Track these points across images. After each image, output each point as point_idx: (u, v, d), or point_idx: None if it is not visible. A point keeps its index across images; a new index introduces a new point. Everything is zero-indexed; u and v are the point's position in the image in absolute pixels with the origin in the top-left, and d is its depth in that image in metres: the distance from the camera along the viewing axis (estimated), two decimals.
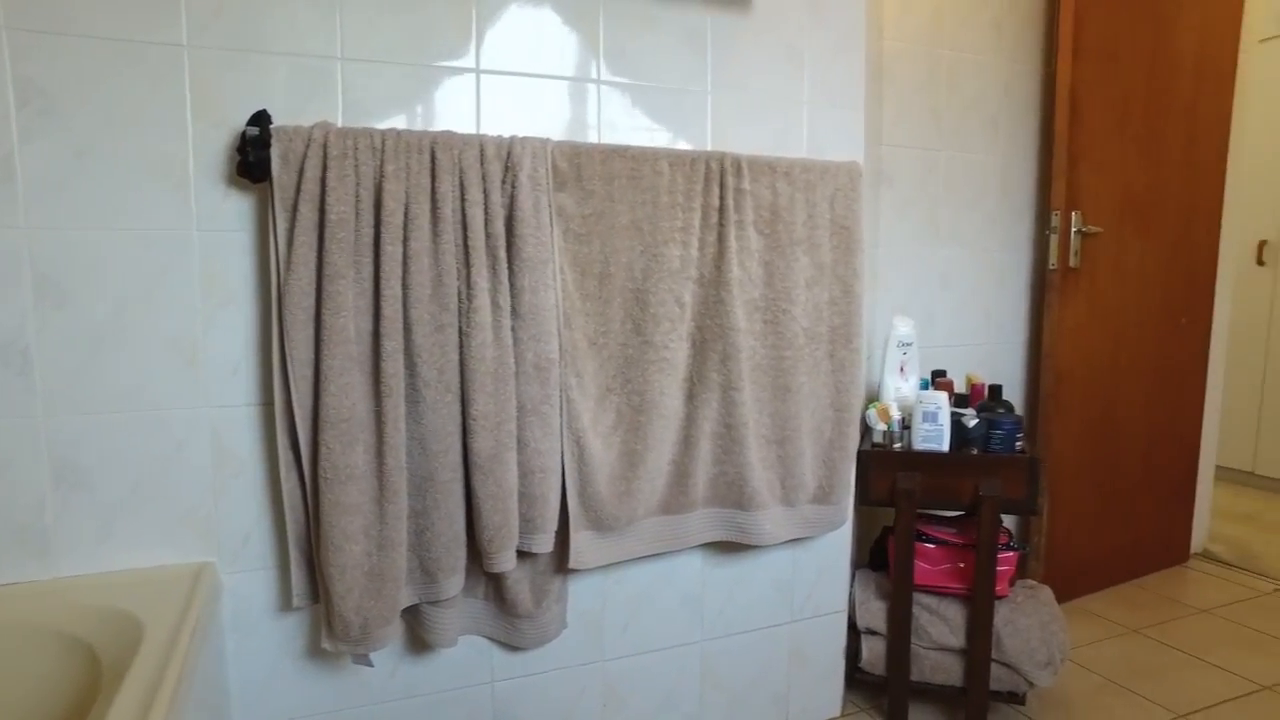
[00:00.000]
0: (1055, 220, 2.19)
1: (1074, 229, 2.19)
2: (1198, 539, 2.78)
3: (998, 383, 1.80)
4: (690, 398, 1.44)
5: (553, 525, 1.33)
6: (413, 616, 1.35)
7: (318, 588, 1.26)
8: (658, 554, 1.50)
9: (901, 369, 1.74)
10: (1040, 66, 2.28)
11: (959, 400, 1.74)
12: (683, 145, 1.46)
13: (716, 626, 1.62)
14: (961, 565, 1.70)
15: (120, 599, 1.07)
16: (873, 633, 1.75)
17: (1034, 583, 1.85)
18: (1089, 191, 2.22)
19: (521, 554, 1.34)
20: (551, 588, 1.40)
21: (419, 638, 1.37)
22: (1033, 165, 2.30)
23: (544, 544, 1.32)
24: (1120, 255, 2.34)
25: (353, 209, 1.18)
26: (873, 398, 1.87)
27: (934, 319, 2.14)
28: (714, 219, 1.41)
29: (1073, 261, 2.21)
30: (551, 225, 1.29)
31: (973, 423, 1.63)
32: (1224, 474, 3.61)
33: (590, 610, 1.51)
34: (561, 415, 1.32)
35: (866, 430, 1.74)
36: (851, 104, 1.59)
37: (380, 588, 1.23)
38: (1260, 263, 3.49)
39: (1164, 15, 2.33)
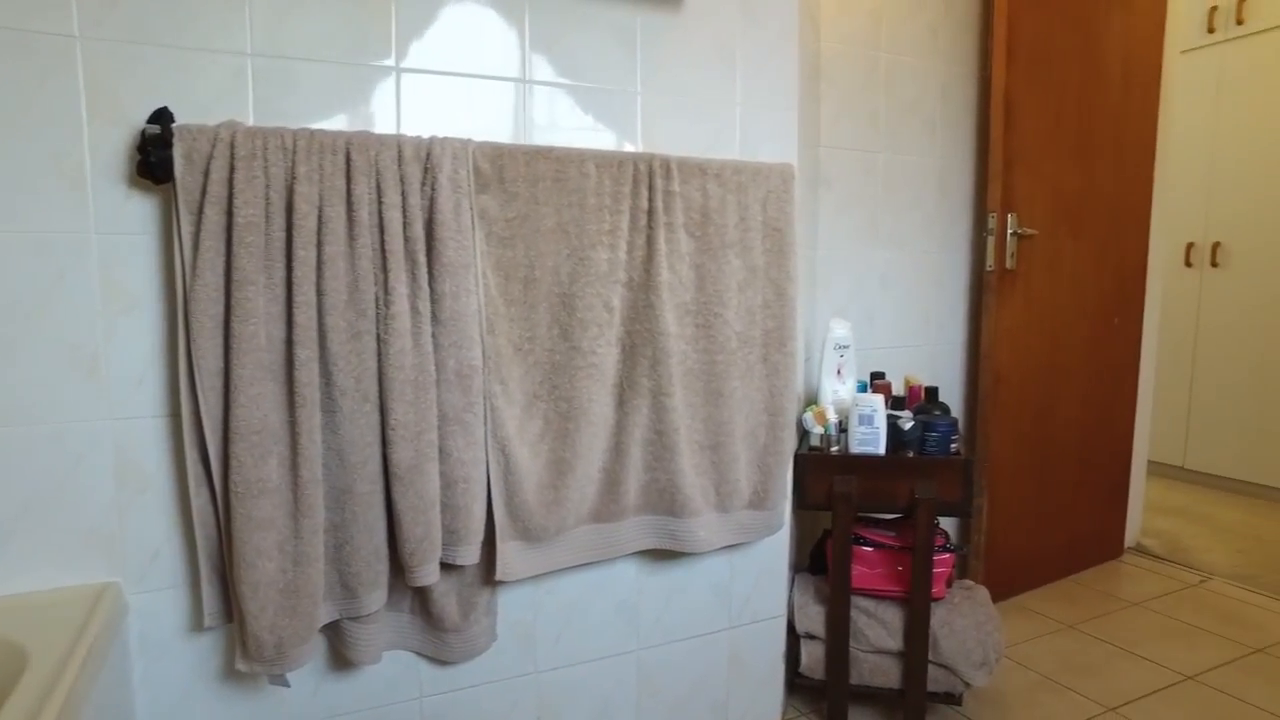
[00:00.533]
0: (992, 222, 2.21)
1: (1010, 231, 2.21)
2: (1131, 534, 2.84)
3: (935, 385, 1.81)
4: (620, 404, 1.41)
5: (478, 537, 1.30)
6: (334, 633, 1.30)
7: (231, 606, 1.21)
8: (590, 563, 1.47)
9: (839, 371, 1.74)
10: (976, 70, 2.30)
11: (896, 403, 1.74)
12: (612, 147, 1.43)
13: (653, 634, 1.60)
14: (900, 568, 1.70)
15: (5, 627, 1.00)
16: (812, 637, 1.75)
17: (971, 583, 1.87)
18: (1024, 194, 2.25)
19: (447, 566, 1.30)
20: (480, 600, 1.37)
21: (342, 655, 1.33)
22: (970, 167, 2.32)
23: (468, 556, 1.29)
24: (1055, 257, 2.37)
25: (262, 212, 1.13)
26: (812, 401, 1.87)
27: (874, 320, 2.15)
28: (643, 221, 1.38)
29: (1009, 263, 2.23)
30: (473, 228, 1.26)
31: (908, 425, 1.64)
32: (1156, 469, 3.71)
33: (522, 621, 1.48)
34: (486, 423, 1.29)
35: (804, 434, 1.74)
36: (785, 105, 1.58)
37: (296, 605, 1.18)
38: (1188, 264, 3.59)
39: (1092, 22, 2.37)
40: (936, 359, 2.30)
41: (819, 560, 1.85)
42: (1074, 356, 2.48)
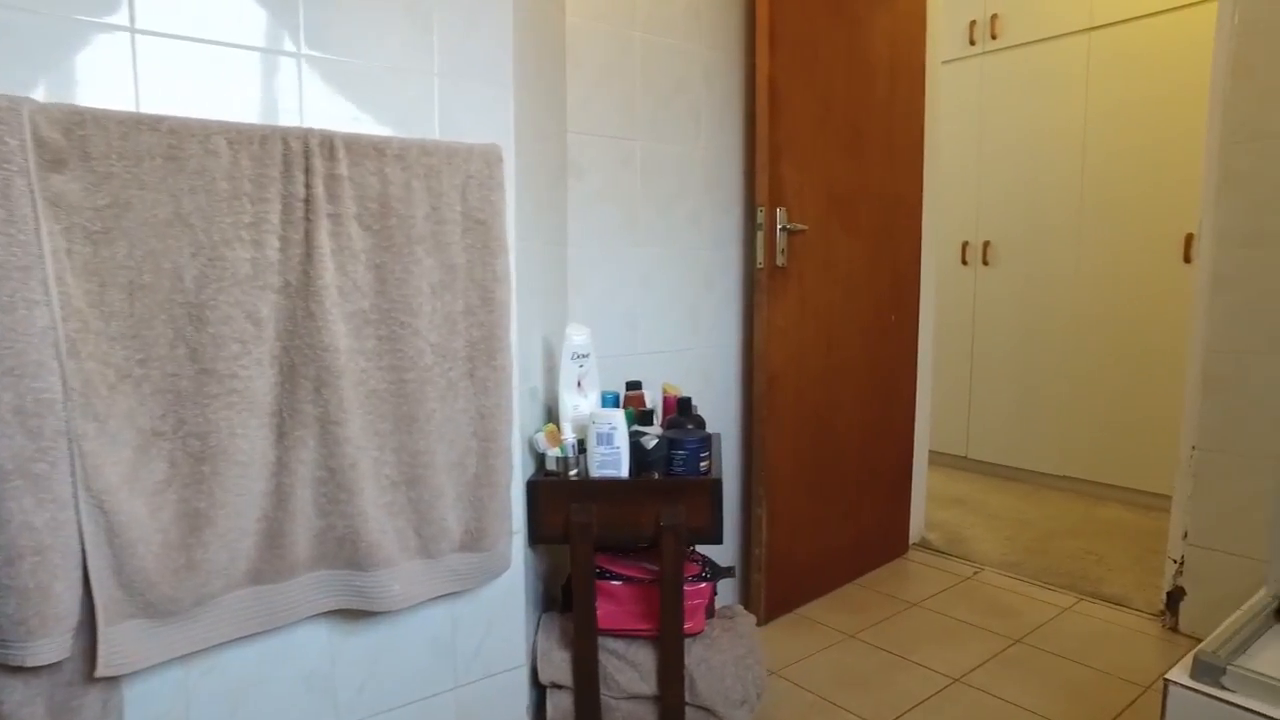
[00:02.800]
0: (760, 217, 2.10)
1: (780, 226, 2.11)
2: (916, 529, 2.86)
3: (689, 395, 1.65)
4: (281, 437, 1.14)
5: (65, 624, 0.98)
6: None
7: None
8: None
9: (579, 384, 1.54)
10: (742, 57, 2.18)
11: (645, 417, 1.56)
12: (260, 120, 1.15)
13: (356, 708, 1.33)
14: (654, 604, 1.53)
15: None
16: (558, 687, 1.54)
17: (736, 609, 1.73)
18: (793, 187, 2.15)
19: (21, 669, 0.98)
20: (85, 704, 1.05)
21: None
22: (738, 159, 2.20)
23: (48, 652, 0.97)
24: (828, 253, 2.30)
25: None
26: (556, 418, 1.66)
27: (636, 324, 1.98)
28: (300, 213, 1.12)
29: (780, 260, 2.13)
30: (36, 218, 0.94)
31: (651, 443, 1.46)
32: (942, 460, 3.83)
33: (170, 713, 1.17)
34: (73, 474, 0.98)
35: (541, 457, 1.53)
36: (497, 79, 1.36)
37: None
38: (964, 262, 3.72)
39: (858, 18, 2.32)
40: (708, 363, 2.17)
41: (570, 597, 1.65)
42: (852, 355, 2.43)
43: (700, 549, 1.70)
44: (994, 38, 3.54)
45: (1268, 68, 1.95)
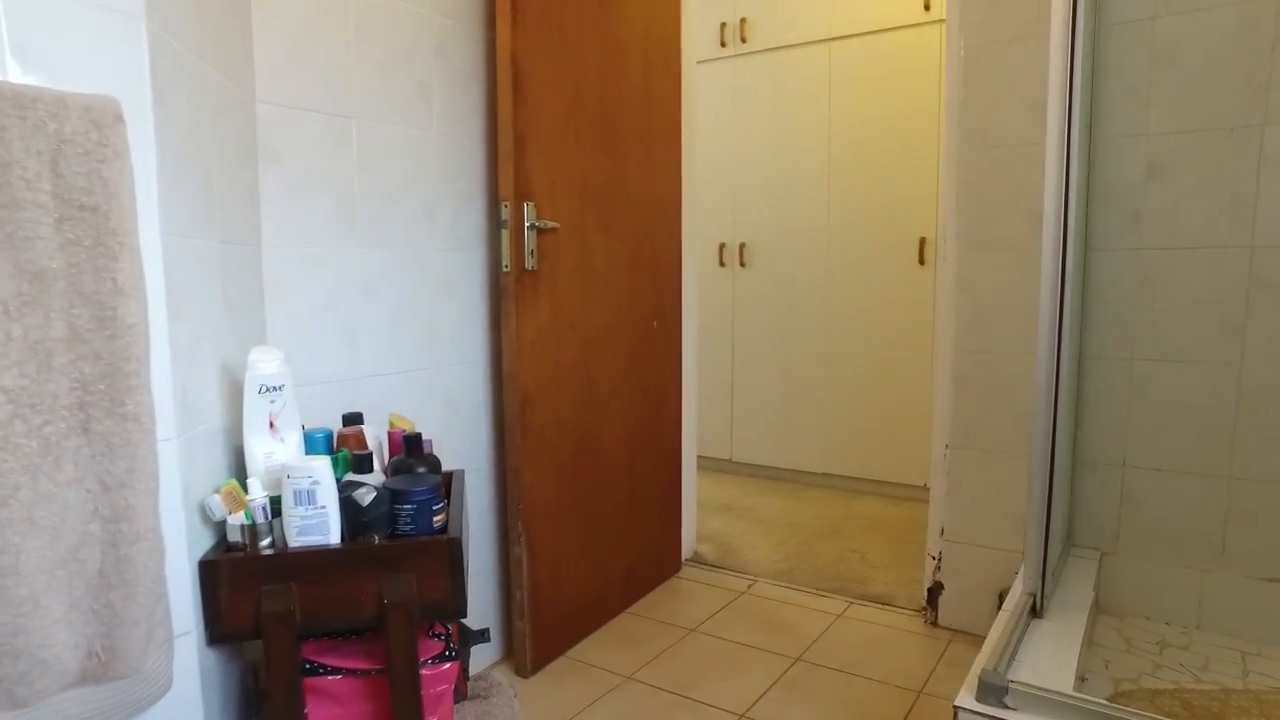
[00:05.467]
0: (505, 212, 1.82)
1: (528, 223, 1.85)
2: (688, 543, 2.73)
3: (417, 431, 1.33)
4: None
5: None
6: None
7: None
8: None
9: (272, 424, 1.18)
10: (483, 29, 1.90)
11: (361, 462, 1.23)
12: None
13: None
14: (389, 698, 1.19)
15: None
16: None
17: (493, 679, 1.44)
18: (543, 180, 1.90)
19: None
20: None
21: None
22: (481, 147, 1.91)
23: None
24: (584, 255, 2.08)
25: None
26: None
27: (357, 341, 1.62)
28: None
29: (529, 262, 1.87)
30: None
31: (368, 498, 1.13)
32: (705, 464, 3.79)
33: None
34: None
35: (223, 527, 1.14)
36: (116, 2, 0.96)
37: None
38: (721, 264, 3.70)
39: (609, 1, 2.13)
40: (452, 384, 1.86)
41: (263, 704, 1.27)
42: (613, 365, 2.23)
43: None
44: (744, 41, 3.54)
45: (995, 83, 2.01)
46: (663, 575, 2.55)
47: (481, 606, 1.99)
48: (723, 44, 3.60)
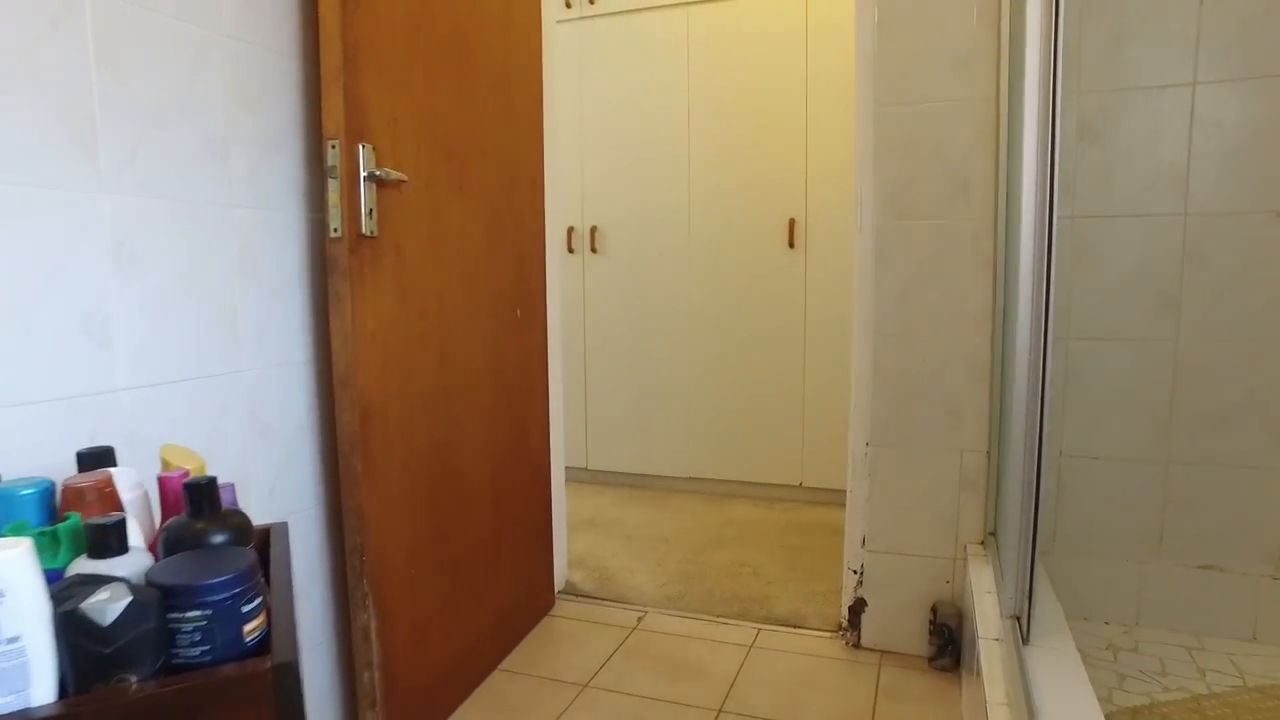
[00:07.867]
0: (333, 156, 1.32)
1: (364, 171, 1.35)
2: (560, 573, 2.30)
3: (208, 474, 0.82)
4: None
5: None
6: None
7: None
8: None
9: None
10: None
11: (101, 538, 0.70)
12: None
13: None
14: None
15: None
16: None
17: None
18: (382, 115, 1.41)
19: None
20: None
21: None
22: (295, 61, 1.39)
23: None
24: (437, 220, 1.60)
25: None
26: None
27: (108, 335, 1.06)
28: None
29: (368, 226, 1.37)
30: None
31: (114, 611, 0.62)
32: (567, 475, 3.36)
33: None
34: None
35: None
36: None
37: None
38: (570, 250, 3.29)
39: None
40: (260, 396, 1.33)
41: None
42: (472, 364, 1.76)
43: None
44: (591, 2, 3.15)
45: (913, 33, 1.75)
46: (535, 616, 2.10)
47: (315, 693, 1.47)
48: (568, 4, 3.19)
